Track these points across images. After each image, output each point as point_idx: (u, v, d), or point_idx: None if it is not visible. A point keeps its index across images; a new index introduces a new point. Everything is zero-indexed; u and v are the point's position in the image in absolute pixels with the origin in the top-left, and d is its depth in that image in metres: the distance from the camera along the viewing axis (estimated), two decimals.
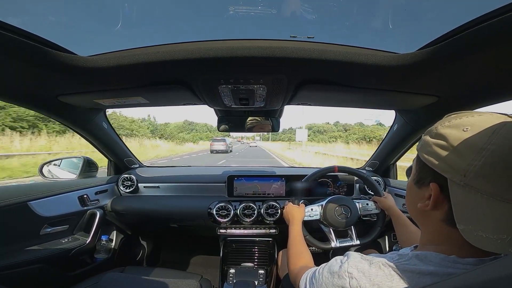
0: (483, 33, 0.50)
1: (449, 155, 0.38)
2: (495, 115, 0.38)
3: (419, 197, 0.45)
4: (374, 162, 1.59)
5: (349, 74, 0.79)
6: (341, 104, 1.18)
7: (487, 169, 0.34)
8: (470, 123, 0.38)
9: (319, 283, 0.49)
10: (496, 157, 0.34)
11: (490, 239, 0.34)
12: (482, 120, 0.37)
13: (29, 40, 0.59)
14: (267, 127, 1.33)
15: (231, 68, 0.75)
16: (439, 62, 0.63)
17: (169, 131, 56.14)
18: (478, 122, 0.38)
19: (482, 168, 0.34)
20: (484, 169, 0.34)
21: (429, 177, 0.42)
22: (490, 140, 0.35)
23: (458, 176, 0.36)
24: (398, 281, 0.39)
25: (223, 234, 1.41)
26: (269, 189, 1.44)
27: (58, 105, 1.00)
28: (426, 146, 0.43)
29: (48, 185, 1.19)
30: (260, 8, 0.70)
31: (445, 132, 0.40)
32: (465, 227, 0.36)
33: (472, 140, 0.36)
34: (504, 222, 0.33)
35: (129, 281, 1.11)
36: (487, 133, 0.35)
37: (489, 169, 0.34)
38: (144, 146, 21.38)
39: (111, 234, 1.52)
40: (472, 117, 0.39)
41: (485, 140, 0.35)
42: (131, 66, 0.70)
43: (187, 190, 1.52)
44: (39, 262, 1.05)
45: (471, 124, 0.38)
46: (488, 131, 0.36)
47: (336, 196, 1.11)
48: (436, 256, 0.41)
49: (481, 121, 0.37)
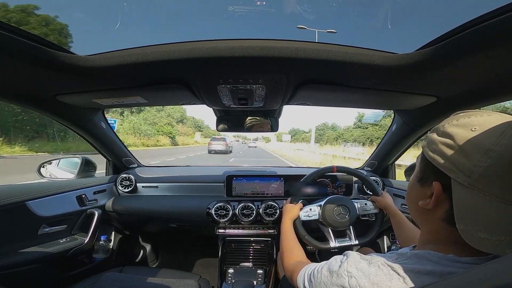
0: (481, 34, 0.50)
1: (455, 154, 0.37)
2: (505, 116, 0.37)
3: (421, 195, 0.45)
4: (373, 162, 1.59)
5: (348, 74, 0.79)
6: (340, 104, 1.18)
7: (492, 170, 0.34)
8: (479, 123, 0.37)
9: (318, 281, 0.49)
10: (503, 159, 0.33)
11: (489, 240, 0.34)
12: (491, 121, 0.37)
13: (27, 39, 0.59)
14: (266, 127, 1.33)
15: (230, 68, 0.75)
16: (438, 62, 0.63)
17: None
18: (487, 122, 0.37)
19: (487, 169, 0.34)
20: (489, 170, 0.34)
21: (432, 176, 0.42)
22: (498, 142, 0.34)
23: (462, 176, 0.36)
24: (397, 280, 0.39)
25: (222, 234, 1.41)
26: (267, 189, 1.44)
27: (56, 104, 1.00)
28: (432, 144, 0.43)
29: (46, 185, 1.19)
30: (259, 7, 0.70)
31: (452, 131, 0.39)
32: (465, 227, 0.36)
33: (479, 141, 0.36)
34: (504, 224, 0.33)
35: (127, 281, 1.11)
36: (495, 134, 0.35)
37: (495, 171, 0.33)
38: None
39: (110, 234, 1.51)
40: (481, 116, 0.38)
41: (492, 141, 0.34)
42: (130, 65, 0.70)
43: (186, 190, 1.52)
44: (37, 262, 1.05)
45: (480, 124, 0.37)
46: (497, 132, 0.35)
47: (334, 196, 1.11)
48: (434, 255, 0.41)
49: (490, 121, 0.37)
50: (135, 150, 16.74)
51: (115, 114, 25.62)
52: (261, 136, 70.67)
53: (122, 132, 24.94)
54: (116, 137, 1.47)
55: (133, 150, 2.58)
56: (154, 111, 36.38)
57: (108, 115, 10.64)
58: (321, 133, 58.24)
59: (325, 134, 55.86)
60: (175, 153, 17.74)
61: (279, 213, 1.32)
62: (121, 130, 25.38)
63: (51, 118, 1.14)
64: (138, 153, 6.58)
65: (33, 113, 11.51)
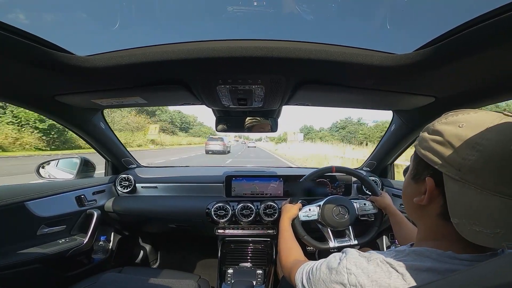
0: (480, 34, 0.50)
1: (445, 150, 0.39)
2: (490, 113, 0.39)
3: (416, 192, 0.46)
4: (372, 162, 1.60)
5: (346, 74, 0.79)
6: (339, 105, 1.18)
7: (480, 163, 0.35)
8: (466, 120, 0.39)
9: (316, 279, 0.49)
10: (490, 152, 0.35)
11: (484, 233, 0.35)
12: (477, 117, 0.39)
13: (26, 39, 0.59)
14: (266, 127, 1.33)
15: (229, 68, 0.75)
16: (436, 62, 0.63)
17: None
18: (473, 119, 0.39)
19: (475, 162, 0.35)
20: (477, 163, 0.35)
21: (425, 172, 0.44)
22: (484, 136, 0.36)
23: (453, 170, 0.38)
24: (396, 277, 0.40)
25: (221, 234, 1.41)
26: (267, 189, 1.44)
27: (55, 105, 1.00)
28: (423, 141, 0.45)
29: (45, 185, 1.18)
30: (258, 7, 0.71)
31: (441, 128, 0.41)
32: (459, 221, 0.37)
33: (467, 136, 0.37)
34: (497, 216, 0.34)
35: (127, 281, 1.11)
36: (481, 129, 0.37)
37: (483, 163, 0.35)
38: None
39: (109, 234, 1.51)
40: (468, 114, 0.40)
41: (479, 136, 0.36)
42: (129, 66, 0.70)
43: (185, 190, 1.52)
44: (36, 263, 1.04)
45: (467, 121, 0.39)
46: (483, 127, 0.37)
47: (334, 196, 1.11)
48: (433, 251, 0.41)
49: (476, 118, 0.39)
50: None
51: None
52: (265, 136, 59.26)
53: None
54: (115, 137, 1.47)
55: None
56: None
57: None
58: (345, 132, 44.24)
59: (356, 132, 42.22)
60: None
61: (279, 213, 1.32)
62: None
63: (50, 119, 1.14)
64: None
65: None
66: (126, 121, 28.23)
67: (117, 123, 26.44)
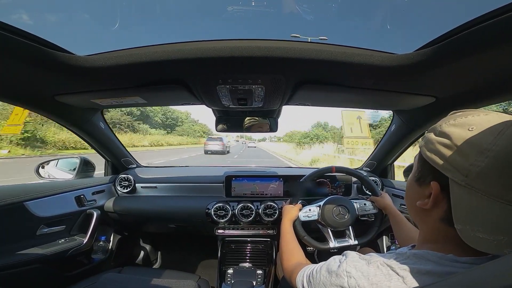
0: (480, 34, 0.50)
1: (452, 154, 0.37)
2: (502, 115, 0.37)
3: (419, 195, 0.45)
4: (372, 162, 1.60)
5: (347, 74, 0.79)
6: (339, 105, 1.18)
7: (489, 170, 0.33)
8: (476, 123, 0.37)
9: (317, 282, 0.49)
10: (500, 159, 0.33)
11: (487, 240, 0.34)
12: (488, 120, 0.37)
13: (26, 39, 0.59)
14: (265, 127, 1.33)
15: (229, 68, 0.75)
16: (437, 62, 0.63)
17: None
18: (484, 121, 0.37)
19: (484, 169, 0.34)
20: (486, 170, 0.34)
21: (430, 175, 0.42)
22: (495, 141, 0.34)
23: (460, 176, 0.36)
24: (397, 280, 0.39)
25: (221, 234, 1.41)
26: (267, 189, 1.44)
27: (54, 105, 0.99)
28: (429, 143, 0.42)
29: (44, 185, 1.18)
30: (258, 7, 0.70)
31: (449, 131, 0.39)
32: (463, 227, 0.36)
33: (476, 140, 0.35)
34: (502, 224, 0.33)
35: (126, 281, 1.10)
36: (493, 134, 0.35)
37: (492, 170, 0.33)
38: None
39: (109, 234, 1.51)
40: (478, 116, 0.38)
41: (489, 141, 0.34)
42: (129, 66, 0.70)
43: (185, 190, 1.52)
44: (35, 263, 1.04)
45: (477, 124, 0.37)
46: (494, 131, 0.35)
47: (334, 196, 1.11)
48: (434, 254, 0.41)
49: (486, 120, 0.37)
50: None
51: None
52: (269, 136, 52.93)
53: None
54: (115, 137, 1.47)
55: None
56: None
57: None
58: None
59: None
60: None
61: (278, 214, 1.31)
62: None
63: (50, 119, 1.14)
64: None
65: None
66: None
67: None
